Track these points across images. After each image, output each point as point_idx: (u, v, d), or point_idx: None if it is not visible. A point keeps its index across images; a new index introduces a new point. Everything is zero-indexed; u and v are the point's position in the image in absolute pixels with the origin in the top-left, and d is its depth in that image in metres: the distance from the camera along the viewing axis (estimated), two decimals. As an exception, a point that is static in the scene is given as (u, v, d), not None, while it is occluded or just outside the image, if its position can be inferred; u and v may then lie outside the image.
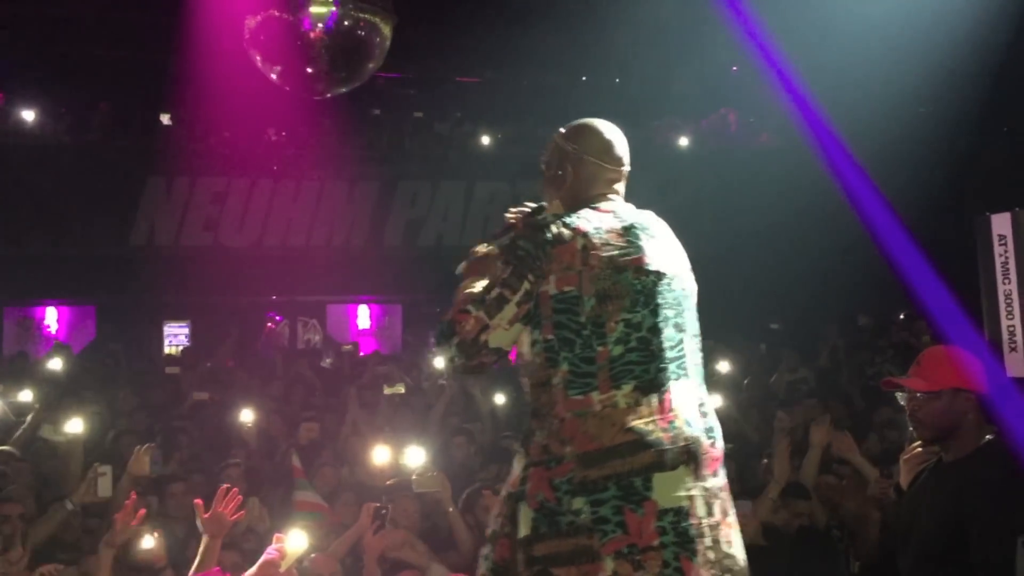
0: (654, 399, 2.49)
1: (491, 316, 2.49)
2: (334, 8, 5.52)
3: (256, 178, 12.32)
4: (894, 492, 3.49)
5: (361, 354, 10.37)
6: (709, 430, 2.58)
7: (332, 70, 5.58)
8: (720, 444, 2.61)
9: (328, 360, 10.83)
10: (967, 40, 9.32)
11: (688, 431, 2.51)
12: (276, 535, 3.73)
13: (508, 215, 2.81)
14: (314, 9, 5.51)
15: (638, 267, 2.57)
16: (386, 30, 5.76)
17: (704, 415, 2.59)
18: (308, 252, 12.46)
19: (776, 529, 4.64)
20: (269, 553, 3.68)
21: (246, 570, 3.70)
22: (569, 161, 2.76)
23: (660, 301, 2.59)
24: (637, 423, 2.45)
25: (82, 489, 4.67)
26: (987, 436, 2.96)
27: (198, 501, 3.82)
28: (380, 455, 5.22)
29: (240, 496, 3.87)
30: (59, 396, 7.22)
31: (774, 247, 12.01)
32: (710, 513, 2.49)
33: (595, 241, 2.55)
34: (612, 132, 2.84)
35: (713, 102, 14.20)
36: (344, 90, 6.01)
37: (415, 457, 4.95)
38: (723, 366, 8.43)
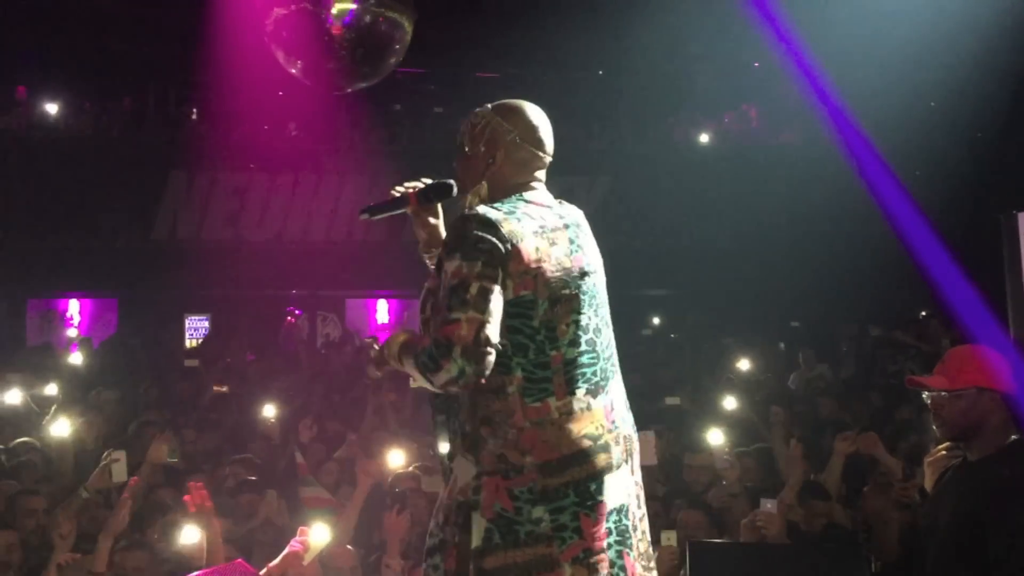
0: (602, 400, 2.48)
1: (483, 311, 2.30)
2: (355, 4, 5.53)
3: (277, 173, 12.37)
4: (918, 495, 3.47)
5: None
6: (634, 425, 2.61)
7: (353, 65, 5.58)
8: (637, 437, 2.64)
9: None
10: (992, 36, 9.21)
11: (625, 429, 2.54)
12: (300, 528, 3.75)
13: (398, 189, 2.74)
14: (336, 5, 5.52)
15: (581, 268, 2.50)
16: (407, 25, 5.76)
17: (629, 410, 2.61)
18: (328, 246, 12.51)
19: (799, 528, 4.61)
20: (293, 546, 3.70)
21: (264, 562, 3.72)
22: (501, 143, 2.58)
23: (598, 301, 2.55)
24: (590, 428, 2.44)
25: (96, 475, 4.63)
26: (1012, 436, 2.93)
27: (186, 497, 3.84)
28: (395, 459, 5.19)
29: (204, 490, 3.86)
30: (81, 389, 7.28)
31: (794, 244, 11.94)
32: (640, 506, 2.56)
33: (543, 242, 2.43)
34: (543, 118, 2.67)
35: (734, 98, 14.12)
36: (365, 85, 6.01)
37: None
38: (743, 364, 8.39)
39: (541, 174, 2.63)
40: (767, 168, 12.72)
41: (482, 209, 2.44)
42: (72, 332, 11.52)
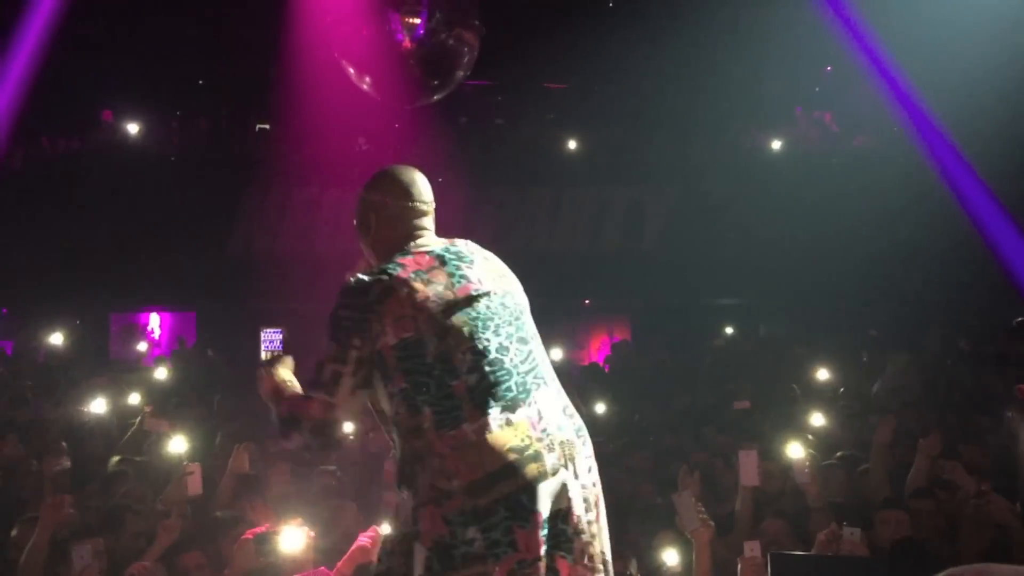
0: (523, 413, 2.54)
1: (333, 394, 2.54)
2: (424, 20, 5.60)
3: (347, 187, 12.56)
4: (1019, 504, 3.33)
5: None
6: (579, 430, 2.65)
7: (423, 80, 5.65)
8: (588, 439, 2.68)
9: None
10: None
11: (560, 435, 2.57)
12: (372, 527, 3.80)
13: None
14: (404, 20, 5.60)
15: (468, 296, 2.63)
16: (474, 39, 5.81)
17: (571, 416, 2.66)
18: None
19: (875, 541, 4.50)
20: (361, 540, 3.76)
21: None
22: (372, 209, 2.80)
23: (499, 321, 2.64)
24: (514, 442, 2.50)
25: (171, 488, 4.69)
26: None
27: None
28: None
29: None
30: (165, 401, 7.47)
31: (871, 251, 11.65)
32: (588, 509, 2.58)
33: (418, 284, 2.59)
34: (408, 172, 2.89)
35: (806, 104, 13.89)
36: (434, 99, 6.08)
37: None
38: (821, 374, 8.20)
39: (425, 221, 2.82)
40: (840, 173, 12.44)
41: (353, 279, 2.66)
42: (143, 347, 11.83)
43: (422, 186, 2.86)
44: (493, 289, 2.68)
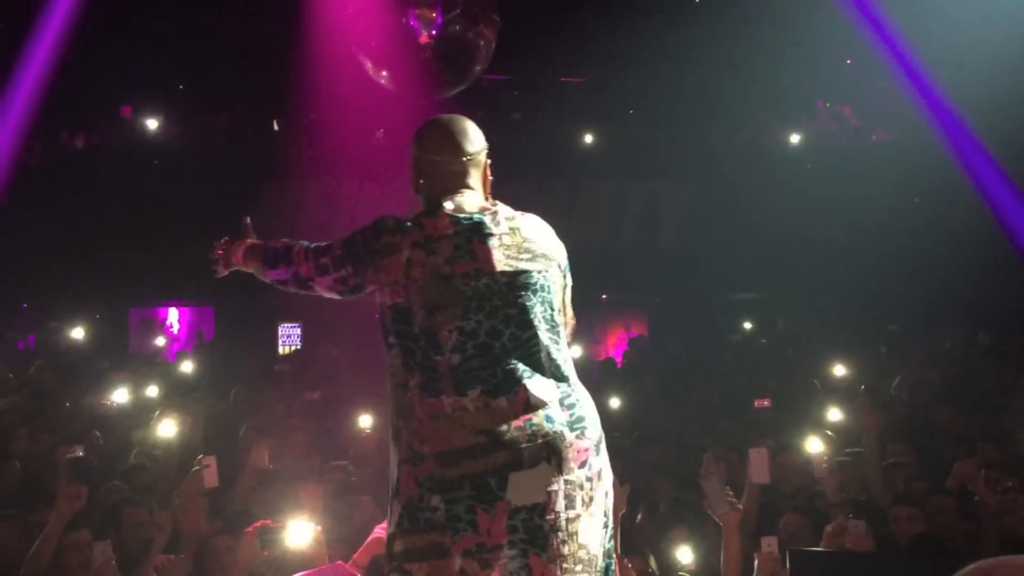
0: (503, 401, 2.49)
1: (314, 273, 2.71)
2: (441, 13, 5.59)
3: (364, 180, 12.58)
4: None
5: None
6: (575, 422, 2.55)
7: (440, 74, 5.64)
8: (591, 433, 2.57)
9: None
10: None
11: (548, 427, 2.49)
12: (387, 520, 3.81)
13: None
14: (421, 14, 5.59)
15: (466, 273, 2.56)
16: (492, 33, 5.80)
17: (569, 407, 2.55)
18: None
19: (890, 537, 4.48)
20: (376, 532, 3.78)
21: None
22: (415, 164, 2.79)
23: (498, 303, 2.56)
24: (487, 424, 2.46)
25: (187, 481, 4.62)
26: None
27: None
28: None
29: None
30: (182, 394, 7.51)
31: (891, 245, 11.56)
32: (571, 506, 2.48)
33: (419, 253, 2.56)
34: (450, 123, 2.81)
35: (825, 97, 13.79)
36: (452, 93, 6.07)
37: None
38: (838, 369, 8.15)
39: (462, 178, 2.73)
40: (860, 167, 12.36)
41: (383, 219, 2.69)
42: (161, 341, 11.90)
43: (460, 139, 2.76)
44: (503, 268, 2.57)
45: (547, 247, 2.69)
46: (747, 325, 12.46)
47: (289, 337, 13.61)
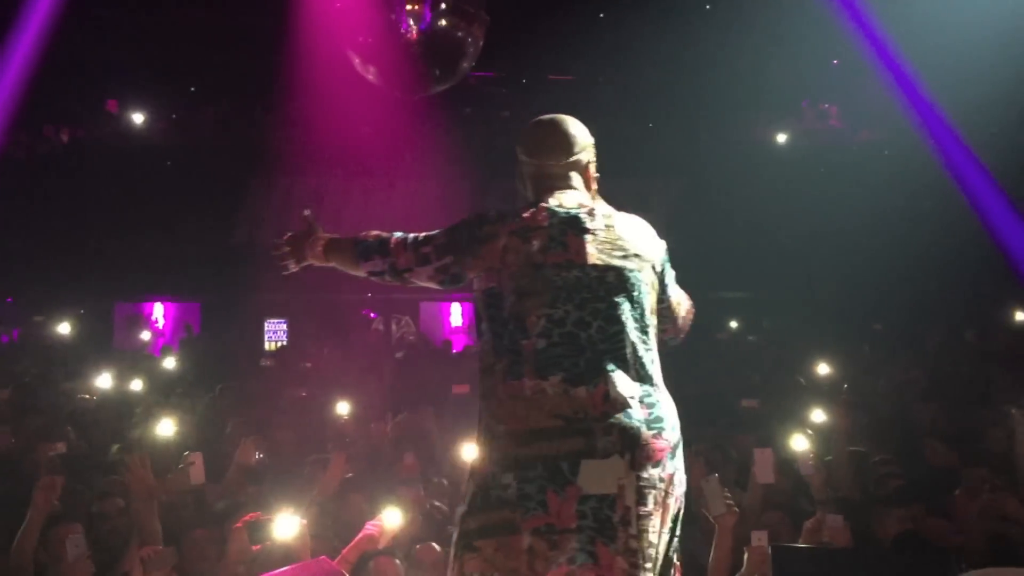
0: (583, 390, 2.52)
1: (413, 264, 2.73)
2: (429, 10, 5.58)
3: (351, 177, 12.56)
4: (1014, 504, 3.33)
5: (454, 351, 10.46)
6: (653, 421, 2.56)
7: (427, 70, 5.64)
8: (669, 435, 2.59)
9: (400, 353, 10.92)
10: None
11: (626, 422, 2.51)
12: (378, 517, 3.84)
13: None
14: (410, 10, 5.58)
15: (557, 263, 2.61)
16: (479, 31, 5.80)
17: (649, 406, 2.58)
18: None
19: (870, 534, 4.51)
20: (368, 529, 3.80)
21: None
22: (518, 166, 2.87)
23: (587, 295, 2.61)
24: (565, 410, 2.50)
25: (174, 477, 4.64)
26: None
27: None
28: (469, 451, 5.20)
29: None
30: (168, 391, 7.48)
31: (877, 245, 11.62)
32: (642, 503, 2.49)
33: (515, 240, 2.63)
34: (546, 126, 2.85)
35: (812, 97, 13.84)
36: (439, 89, 6.06)
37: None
38: (822, 368, 8.19)
39: (559, 181, 2.78)
40: (847, 167, 12.42)
41: (486, 211, 2.74)
42: (146, 336, 11.85)
43: (551, 144, 2.81)
44: (595, 262, 2.63)
45: (642, 247, 2.74)
46: (733, 324, 12.49)
47: (275, 333, 13.56)
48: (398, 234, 2.81)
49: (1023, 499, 4.56)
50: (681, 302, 3.00)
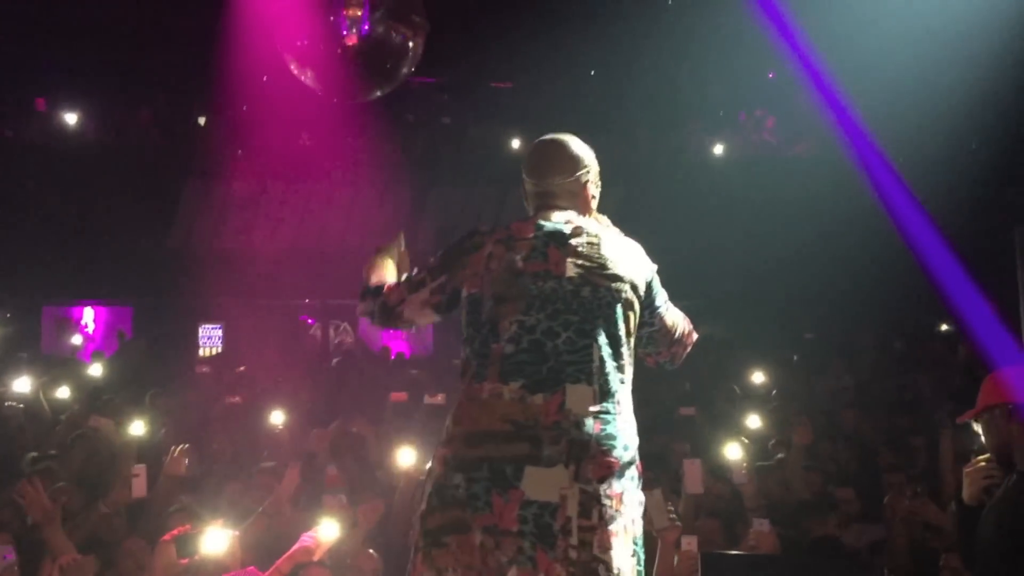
0: (539, 398, 2.57)
1: (409, 292, 2.80)
2: (367, 15, 5.56)
3: (290, 182, 12.42)
4: (955, 504, 3.43)
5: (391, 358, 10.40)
6: (605, 437, 2.58)
7: (366, 75, 5.62)
8: (620, 454, 2.60)
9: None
10: (1010, 48, 9.17)
11: (575, 434, 2.55)
12: (313, 529, 3.80)
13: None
14: (348, 15, 5.55)
15: (536, 272, 2.69)
16: (419, 36, 5.79)
17: (604, 423, 2.59)
18: (341, 256, 12.51)
19: (791, 540, 4.61)
20: (303, 541, 3.76)
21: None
22: (521, 184, 2.98)
23: (560, 306, 2.66)
24: (517, 416, 2.56)
25: (116, 490, 4.65)
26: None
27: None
28: (405, 456, 5.18)
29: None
30: (97, 396, 7.31)
31: (809, 256, 11.88)
32: (585, 515, 2.51)
33: (499, 248, 2.73)
34: (546, 147, 2.95)
35: (748, 109, 14.09)
36: (378, 95, 6.04)
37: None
38: (756, 376, 8.34)
39: (553, 200, 2.88)
40: (781, 179, 12.66)
41: (477, 225, 2.90)
42: (77, 340, 11.56)
43: (549, 164, 2.91)
44: (571, 275, 2.69)
45: (624, 268, 2.80)
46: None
47: (210, 339, 13.34)
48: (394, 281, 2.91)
49: (946, 509, 4.70)
50: (676, 325, 3.05)
